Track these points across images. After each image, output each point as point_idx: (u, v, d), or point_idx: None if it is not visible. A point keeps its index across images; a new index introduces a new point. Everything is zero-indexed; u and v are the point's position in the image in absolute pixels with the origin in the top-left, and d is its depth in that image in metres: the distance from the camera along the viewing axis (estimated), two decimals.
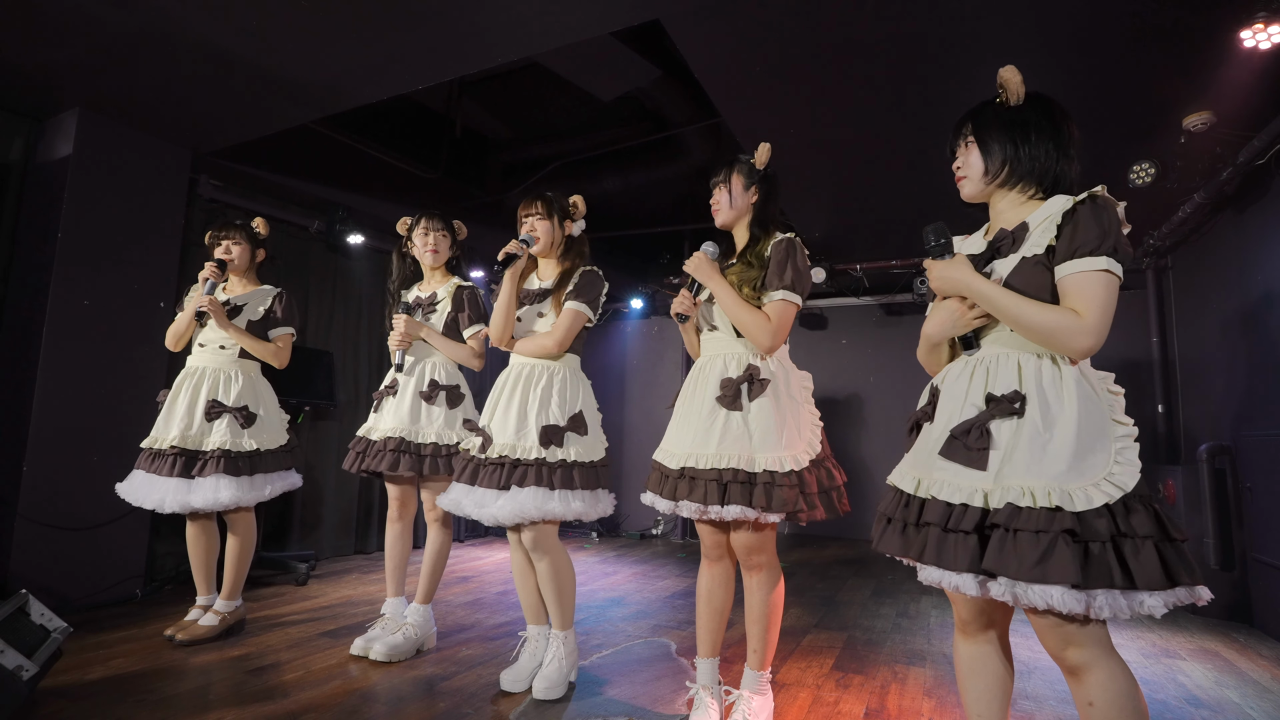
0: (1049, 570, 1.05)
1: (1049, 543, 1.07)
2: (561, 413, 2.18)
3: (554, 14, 2.45)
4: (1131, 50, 2.62)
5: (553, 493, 2.10)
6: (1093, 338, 1.16)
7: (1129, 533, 1.08)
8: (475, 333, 2.61)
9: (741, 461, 1.77)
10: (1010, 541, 1.10)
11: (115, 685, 2.16)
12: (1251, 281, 3.47)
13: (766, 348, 1.85)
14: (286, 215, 4.30)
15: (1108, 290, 1.18)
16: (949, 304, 1.34)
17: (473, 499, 2.15)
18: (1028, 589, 1.08)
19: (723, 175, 1.99)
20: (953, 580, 1.16)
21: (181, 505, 2.52)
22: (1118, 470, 1.12)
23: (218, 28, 2.55)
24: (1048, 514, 1.09)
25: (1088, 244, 1.19)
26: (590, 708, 2.10)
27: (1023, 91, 1.34)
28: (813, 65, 2.82)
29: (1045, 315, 1.19)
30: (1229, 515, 3.53)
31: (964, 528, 1.16)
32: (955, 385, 1.31)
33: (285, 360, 2.78)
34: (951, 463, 1.22)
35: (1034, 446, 1.16)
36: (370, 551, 4.78)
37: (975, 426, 1.21)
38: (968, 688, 1.37)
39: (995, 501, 1.15)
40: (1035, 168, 1.31)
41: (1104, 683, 1.11)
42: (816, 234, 4.89)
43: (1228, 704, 2.32)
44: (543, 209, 2.28)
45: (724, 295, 1.87)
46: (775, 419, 1.81)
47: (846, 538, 5.94)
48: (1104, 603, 1.05)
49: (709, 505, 1.76)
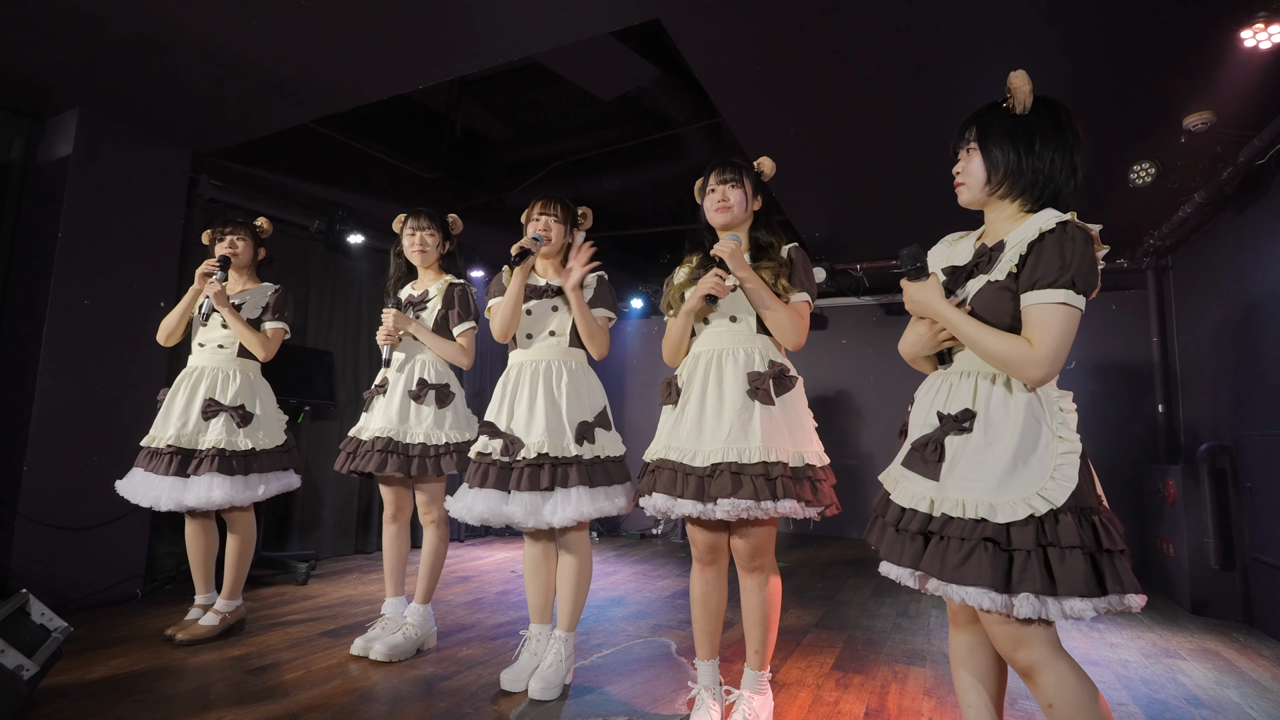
0: (966, 572, 1.18)
1: (970, 549, 1.19)
2: (590, 409, 2.19)
3: (554, 14, 2.45)
4: (1132, 50, 2.62)
5: (597, 490, 2.10)
6: (1044, 369, 1.21)
7: (1054, 542, 1.16)
8: (465, 330, 2.60)
9: (788, 455, 1.76)
10: (941, 546, 1.23)
11: (115, 685, 2.16)
12: (1251, 281, 3.47)
13: (794, 343, 1.87)
14: (286, 215, 4.30)
15: (1064, 322, 1.21)
16: (919, 325, 1.40)
17: (518, 505, 2.07)
18: (948, 587, 1.20)
19: (734, 175, 1.96)
20: (897, 573, 1.31)
21: (176, 504, 2.52)
22: (1051, 485, 1.19)
23: (218, 28, 2.55)
24: (973, 524, 1.21)
25: (1047, 276, 1.21)
26: (591, 707, 2.10)
27: (1030, 100, 1.32)
28: (813, 65, 2.82)
29: (1000, 345, 1.24)
30: (1229, 515, 3.53)
31: (911, 529, 1.29)
32: (924, 400, 1.41)
33: (271, 353, 2.75)
34: (911, 471, 1.34)
35: (974, 461, 1.25)
36: (370, 551, 4.78)
37: (931, 441, 1.32)
38: (959, 677, 1.43)
39: (937, 509, 1.26)
40: (1037, 180, 1.31)
41: (1056, 683, 1.18)
42: (816, 234, 4.89)
43: (1228, 704, 2.32)
44: (561, 213, 2.30)
45: (760, 288, 1.85)
46: (801, 415, 1.86)
47: (846, 538, 5.94)
48: (1025, 603, 1.14)
49: (761, 501, 1.70)
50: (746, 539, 1.85)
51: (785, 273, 1.90)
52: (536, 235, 2.25)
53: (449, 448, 2.51)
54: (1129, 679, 2.55)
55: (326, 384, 4.29)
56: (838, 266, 5.43)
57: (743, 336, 1.90)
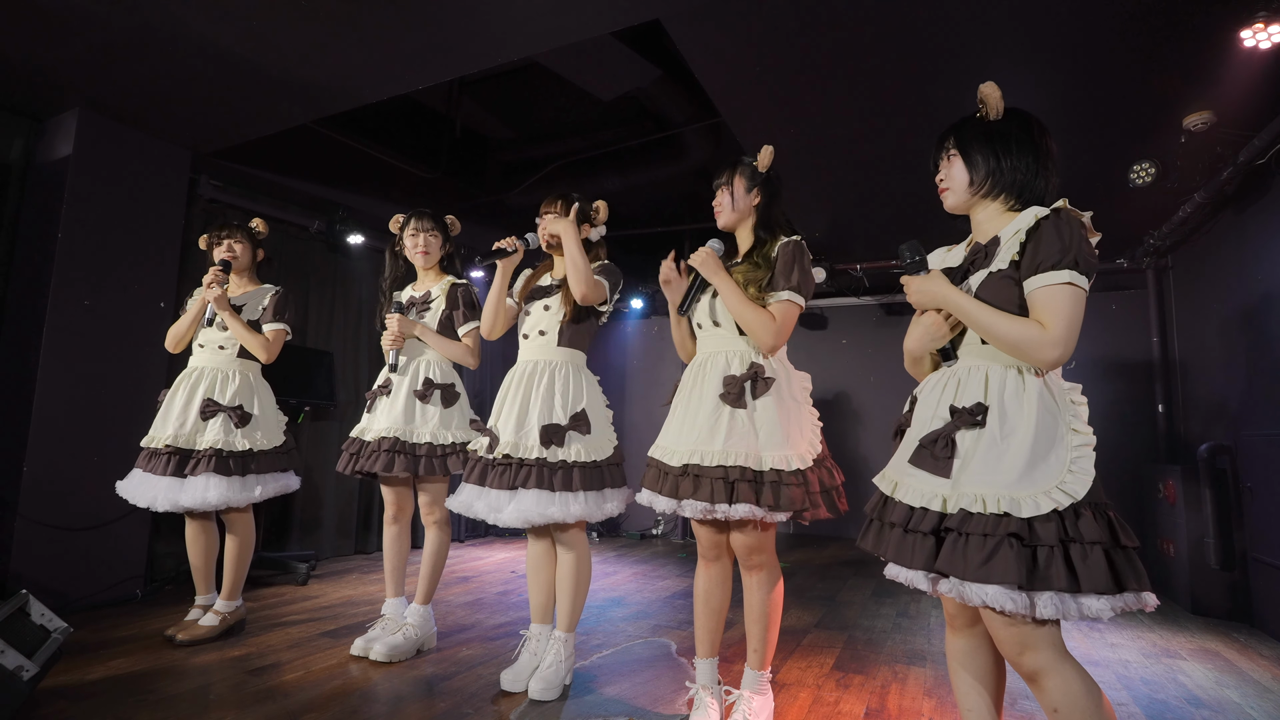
0: (992, 571, 1.13)
1: (994, 546, 1.14)
2: (564, 411, 2.18)
3: (554, 14, 2.45)
4: (1132, 50, 2.62)
5: (553, 495, 2.09)
6: (1059, 349, 1.21)
7: (1076, 538, 1.13)
8: (470, 330, 2.60)
9: (749, 460, 1.76)
10: (961, 544, 1.18)
11: (115, 685, 2.16)
12: (1251, 281, 3.47)
13: (769, 347, 1.85)
14: (286, 215, 4.30)
15: (1072, 302, 1.22)
16: (926, 318, 1.39)
17: (485, 502, 2.14)
18: (968, 587, 1.15)
19: (725, 177, 1.98)
20: (907, 576, 1.25)
21: (172, 504, 2.52)
22: (1070, 479, 1.17)
23: (218, 28, 2.55)
24: (995, 519, 1.16)
25: (1050, 258, 1.23)
26: (591, 707, 2.10)
27: (1002, 107, 1.39)
28: (812, 65, 2.82)
29: (1013, 327, 1.24)
30: (1229, 515, 3.53)
31: (922, 529, 1.24)
32: (929, 395, 1.38)
33: (273, 355, 2.75)
34: (919, 469, 1.30)
35: (990, 455, 1.22)
36: (370, 552, 4.78)
37: (941, 436, 1.29)
38: (958, 681, 1.42)
39: (952, 506, 1.22)
40: (1016, 179, 1.36)
41: (1062, 687, 1.16)
42: (816, 234, 4.89)
43: (1228, 704, 2.32)
44: (561, 209, 2.29)
45: (729, 292, 1.86)
46: (780, 418, 1.81)
47: (846, 538, 5.94)
48: (1049, 603, 1.11)
49: (716, 504, 1.74)
50: (742, 538, 1.87)
51: (762, 276, 1.88)
52: (525, 236, 2.28)
53: (455, 447, 2.51)
54: (1129, 679, 2.55)
55: (326, 384, 4.29)
56: (838, 266, 5.43)
57: (726, 340, 1.92)
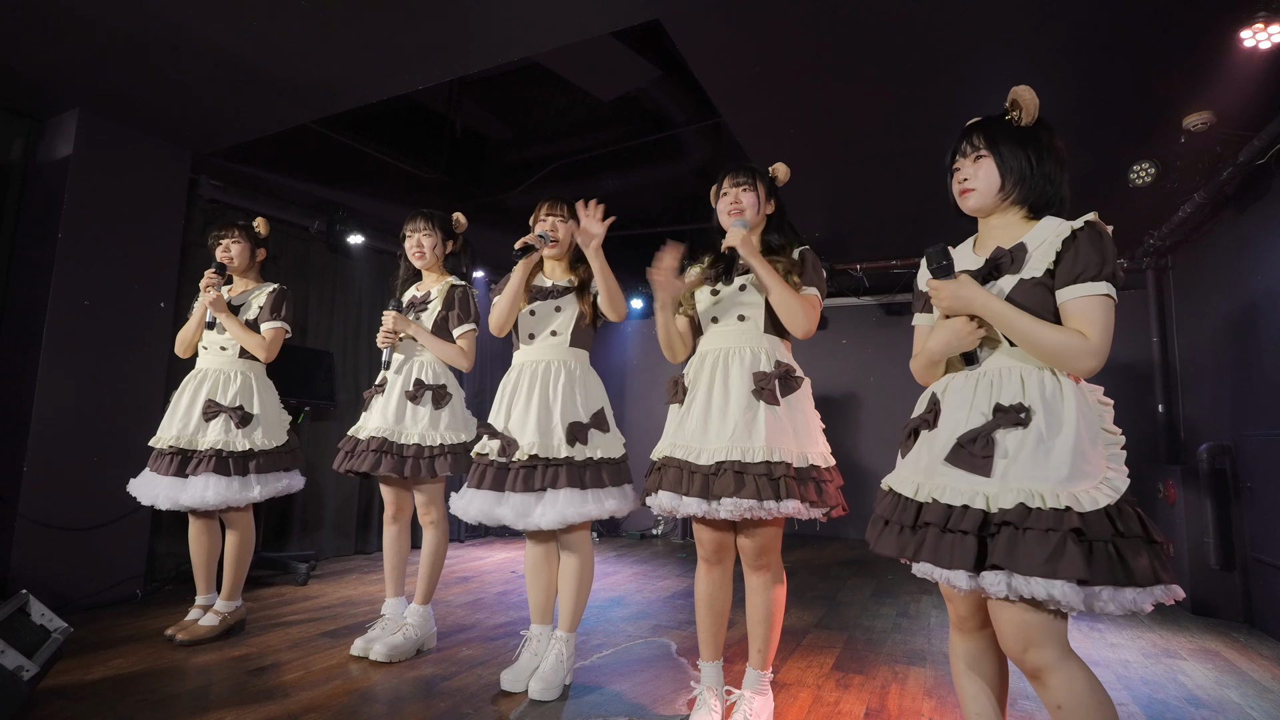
0: (1059, 567, 1.11)
1: (1059, 541, 1.13)
2: (585, 409, 2.18)
3: (554, 14, 2.45)
4: (1132, 50, 2.62)
5: (586, 493, 2.09)
6: (1098, 358, 1.24)
7: (1126, 533, 1.15)
8: (464, 332, 2.59)
9: (792, 456, 1.76)
10: (1020, 539, 1.16)
11: (115, 685, 2.16)
12: (1251, 281, 3.47)
13: (804, 330, 1.86)
14: (286, 215, 4.30)
15: (1108, 313, 1.25)
16: (955, 322, 1.37)
17: (510, 507, 2.09)
18: (1032, 582, 1.12)
19: (748, 179, 1.96)
20: (944, 574, 1.22)
21: (173, 503, 2.53)
22: (1113, 475, 1.21)
23: (218, 28, 2.55)
24: (1056, 514, 1.15)
25: (1090, 269, 1.25)
26: (591, 707, 2.09)
27: (1037, 113, 1.38)
28: (812, 65, 2.82)
29: (1056, 336, 1.25)
30: (1229, 515, 3.53)
31: (963, 528, 1.21)
32: (960, 396, 1.35)
33: (272, 354, 2.75)
34: (955, 469, 1.28)
35: (1038, 453, 1.22)
36: (370, 552, 4.78)
37: (981, 435, 1.27)
38: (964, 685, 1.40)
39: (1002, 503, 1.20)
40: (1044, 189, 1.37)
41: (1066, 684, 1.16)
42: (816, 234, 4.89)
43: (1228, 704, 2.32)
44: (568, 213, 2.30)
45: (770, 274, 1.84)
46: (807, 416, 1.86)
47: (846, 538, 5.94)
48: (1108, 598, 1.11)
49: (764, 500, 1.70)
50: (753, 538, 1.85)
51: (796, 269, 1.91)
52: (543, 234, 2.25)
53: (444, 449, 2.49)
54: (1129, 679, 2.55)
55: (326, 384, 4.29)
56: (838, 266, 5.44)
57: (750, 336, 1.90)
